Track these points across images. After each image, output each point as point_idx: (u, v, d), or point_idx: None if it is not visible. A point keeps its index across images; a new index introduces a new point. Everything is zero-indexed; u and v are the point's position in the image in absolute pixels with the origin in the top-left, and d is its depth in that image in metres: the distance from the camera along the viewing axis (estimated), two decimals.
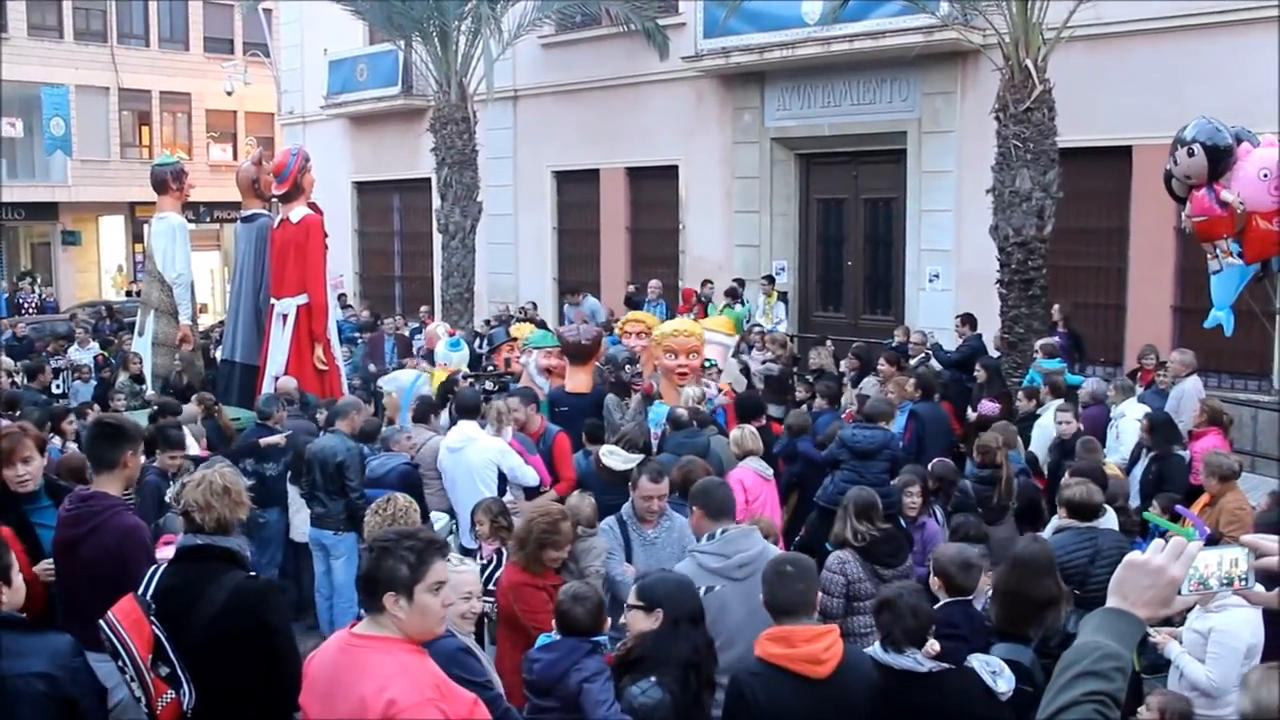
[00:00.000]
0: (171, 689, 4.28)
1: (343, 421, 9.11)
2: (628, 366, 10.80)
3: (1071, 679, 2.31)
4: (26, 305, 31.57)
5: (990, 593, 5.73)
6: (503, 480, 8.62)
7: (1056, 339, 13.14)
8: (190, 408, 10.98)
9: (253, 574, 4.65)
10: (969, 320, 14.39)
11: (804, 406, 12.81)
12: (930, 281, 17.56)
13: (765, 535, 6.52)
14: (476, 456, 8.59)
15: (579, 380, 11.29)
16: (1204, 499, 8.11)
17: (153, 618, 4.33)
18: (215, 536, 4.54)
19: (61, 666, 3.93)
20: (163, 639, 4.30)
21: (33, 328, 23.68)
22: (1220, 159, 9.10)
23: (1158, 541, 2.45)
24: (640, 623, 4.83)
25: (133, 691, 4.28)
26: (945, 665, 4.70)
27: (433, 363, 13.70)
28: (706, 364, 11.44)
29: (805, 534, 8.46)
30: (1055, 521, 7.09)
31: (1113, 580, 2.43)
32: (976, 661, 4.82)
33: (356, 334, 18.83)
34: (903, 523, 7.73)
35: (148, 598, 4.41)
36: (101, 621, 4.28)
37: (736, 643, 5.19)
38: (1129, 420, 10.10)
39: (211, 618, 4.33)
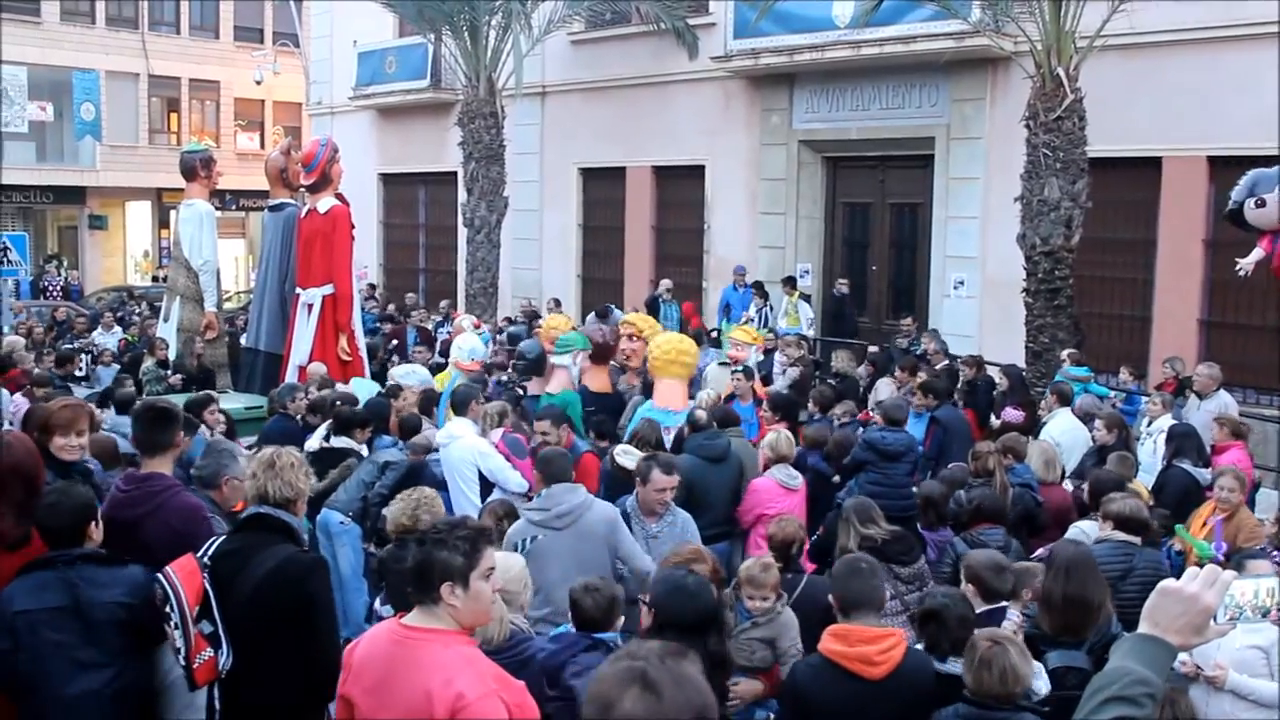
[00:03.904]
0: (211, 648, 4.39)
1: (412, 456, 9.06)
2: None
3: (1101, 703, 2.29)
4: (51, 289, 31.77)
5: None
6: (488, 483, 8.50)
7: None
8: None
9: (304, 549, 4.76)
10: (977, 363, 13.43)
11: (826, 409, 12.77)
12: (955, 288, 17.50)
13: (791, 539, 6.52)
14: (456, 454, 8.53)
15: (600, 379, 11.28)
16: (1209, 509, 7.97)
17: (205, 575, 4.46)
18: (275, 509, 4.66)
19: (138, 596, 4.61)
20: (210, 597, 4.41)
21: (37, 312, 23.78)
22: (1235, 221, 9.27)
23: (1193, 569, 2.43)
24: (645, 618, 4.82)
25: (174, 641, 4.39)
26: None
27: (445, 355, 13.64)
28: (733, 369, 11.43)
29: (822, 536, 8.40)
30: (1089, 527, 7.00)
31: (1146, 606, 2.41)
32: None
33: (377, 325, 18.87)
34: (917, 525, 7.71)
35: (204, 560, 4.53)
36: (159, 574, 4.45)
37: (555, 595, 5.54)
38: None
39: (257, 583, 4.43)
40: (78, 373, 15.01)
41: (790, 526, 6.75)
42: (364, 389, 11.72)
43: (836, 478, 9.29)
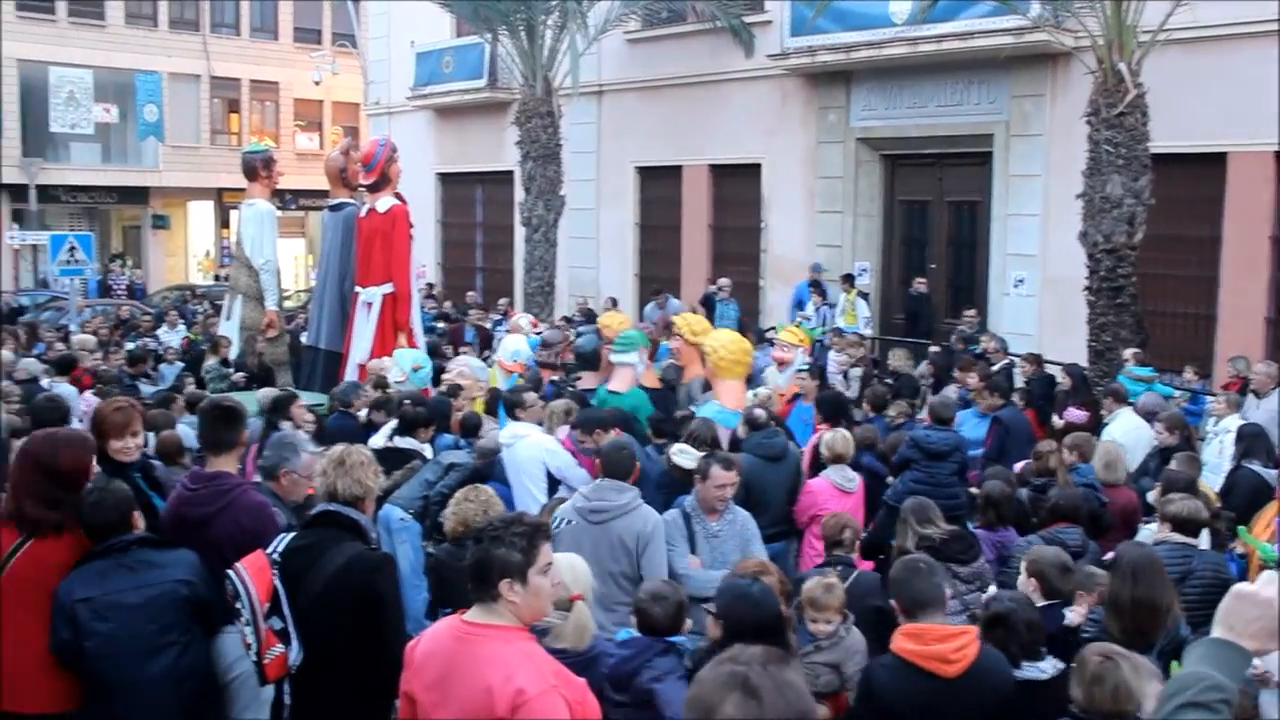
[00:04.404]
0: (281, 643, 4.47)
1: (480, 459, 9.09)
2: None
3: (1176, 709, 2.27)
4: (117, 287, 32.27)
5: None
6: (555, 481, 8.50)
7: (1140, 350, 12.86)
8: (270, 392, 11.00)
9: (372, 547, 4.84)
10: (1036, 360, 13.33)
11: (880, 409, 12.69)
12: (1015, 286, 17.34)
13: (843, 524, 6.53)
14: (523, 453, 8.52)
15: (649, 375, 11.29)
16: (1274, 510, 7.85)
17: (275, 572, 4.54)
18: (344, 506, 4.73)
19: (198, 574, 4.85)
20: (281, 593, 4.49)
21: (102, 311, 24.13)
22: None
23: (1269, 573, 2.39)
24: (712, 629, 4.80)
25: (245, 637, 4.48)
26: (1063, 665, 4.69)
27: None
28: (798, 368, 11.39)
29: (873, 532, 8.38)
30: (1151, 531, 6.92)
31: (1219, 610, 2.38)
32: None
33: (435, 324, 18.97)
34: (970, 525, 7.65)
35: (274, 556, 4.62)
36: (229, 570, 4.54)
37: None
38: (1234, 436, 9.80)
39: (326, 580, 4.50)
40: (150, 372, 15.19)
41: (844, 517, 6.78)
42: (406, 359, 11.84)
43: (890, 477, 9.26)
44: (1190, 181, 15.13)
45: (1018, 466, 9.11)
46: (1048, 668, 4.71)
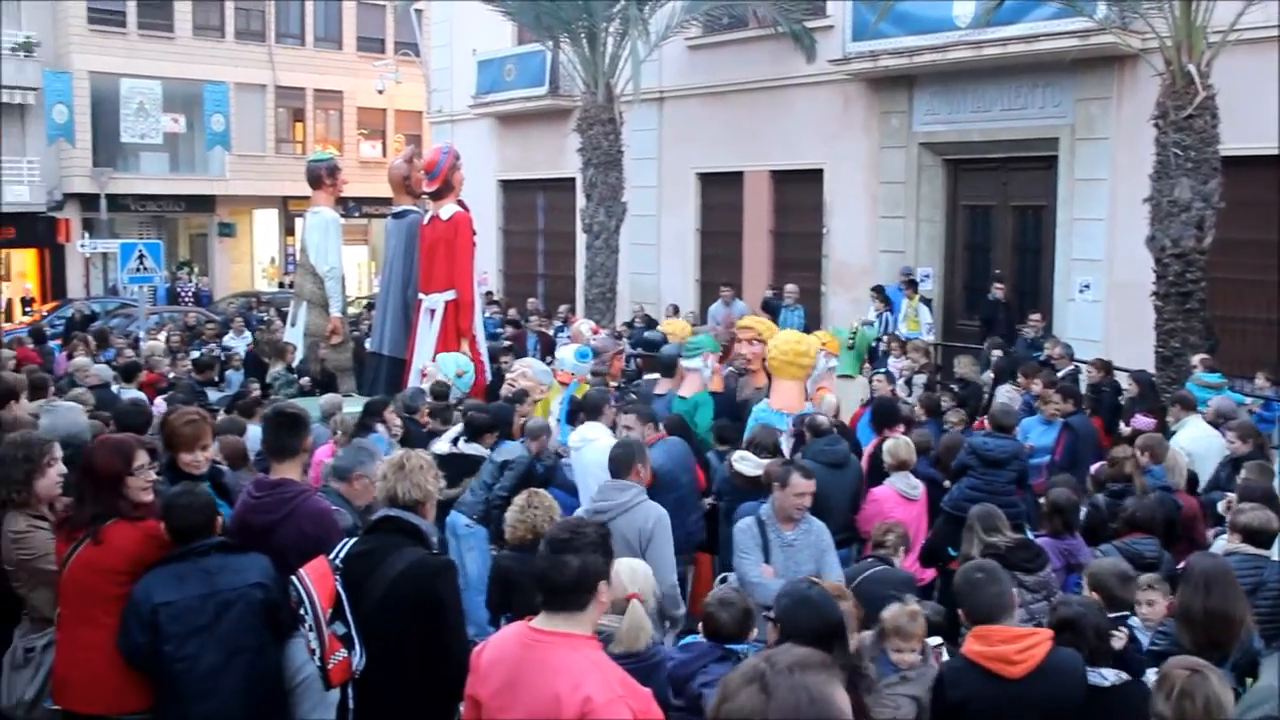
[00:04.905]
0: (345, 648, 4.50)
1: (534, 443, 9.13)
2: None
3: None
4: (184, 294, 32.77)
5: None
6: None
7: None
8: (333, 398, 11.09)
9: (434, 552, 4.85)
10: (1104, 366, 13.07)
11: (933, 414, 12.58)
12: (1080, 292, 17.12)
13: (885, 532, 6.73)
14: (591, 457, 8.48)
15: (716, 379, 11.26)
16: None
17: (337, 578, 4.58)
18: (405, 511, 4.74)
19: (270, 578, 4.94)
20: (343, 599, 4.52)
21: (170, 318, 24.54)
22: None
23: None
24: (770, 633, 4.77)
25: (309, 642, 4.52)
26: (1127, 677, 4.65)
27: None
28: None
29: (931, 539, 8.32)
30: (1222, 543, 6.80)
31: None
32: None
33: (498, 330, 19.08)
34: (1029, 533, 7.57)
35: (336, 562, 4.66)
36: (293, 576, 4.59)
37: None
38: None
39: (388, 585, 4.53)
40: (216, 379, 15.38)
41: (892, 523, 6.94)
42: (450, 365, 11.91)
43: (947, 482, 9.19)
44: (1261, 184, 14.85)
45: (1092, 469, 9.01)
46: (1110, 675, 4.66)
